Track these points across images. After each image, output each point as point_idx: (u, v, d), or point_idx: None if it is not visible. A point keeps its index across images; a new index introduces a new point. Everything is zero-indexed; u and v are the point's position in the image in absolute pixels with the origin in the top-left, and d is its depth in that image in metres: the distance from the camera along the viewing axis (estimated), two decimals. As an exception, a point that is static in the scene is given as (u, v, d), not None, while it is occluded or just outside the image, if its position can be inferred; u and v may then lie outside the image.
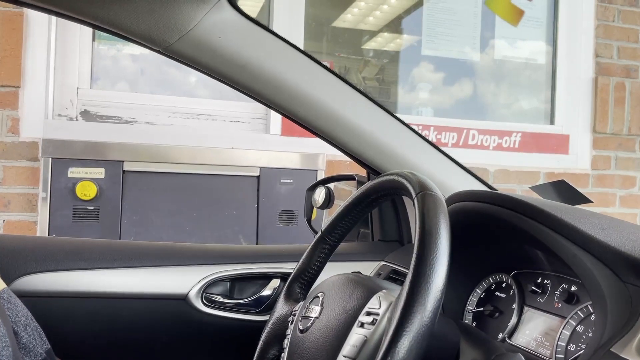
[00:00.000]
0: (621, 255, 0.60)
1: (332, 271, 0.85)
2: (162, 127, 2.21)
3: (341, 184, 2.30)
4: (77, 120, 2.13)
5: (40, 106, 2.03)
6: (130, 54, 2.28)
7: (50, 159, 1.87)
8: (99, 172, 1.90)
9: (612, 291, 0.60)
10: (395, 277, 1.06)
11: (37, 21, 2.02)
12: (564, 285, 0.79)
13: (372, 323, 0.59)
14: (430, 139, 1.11)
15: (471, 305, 0.93)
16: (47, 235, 1.86)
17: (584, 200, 1.13)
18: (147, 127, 2.19)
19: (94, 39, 2.19)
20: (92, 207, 1.89)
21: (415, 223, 0.59)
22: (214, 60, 0.91)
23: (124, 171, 1.93)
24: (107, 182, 1.91)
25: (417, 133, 1.11)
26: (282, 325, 0.80)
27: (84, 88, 2.16)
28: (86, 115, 2.15)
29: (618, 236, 0.63)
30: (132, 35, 0.88)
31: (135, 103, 2.20)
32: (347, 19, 2.65)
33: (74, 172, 1.87)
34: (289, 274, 0.86)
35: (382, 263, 1.13)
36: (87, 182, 1.87)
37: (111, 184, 1.91)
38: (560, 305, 0.78)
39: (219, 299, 1.07)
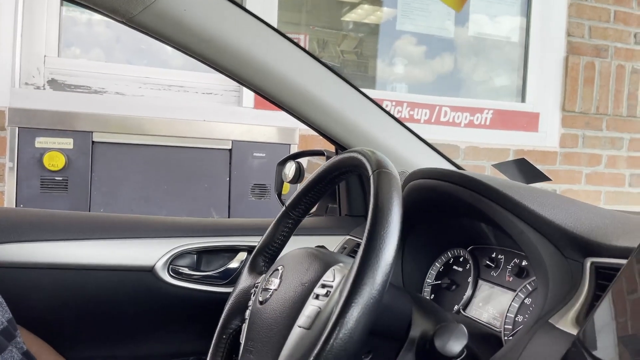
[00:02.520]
0: (564, 231, 0.63)
1: (300, 245, 0.87)
2: (132, 97, 2.18)
3: (315, 159, 2.31)
4: (44, 89, 2.09)
5: (7, 74, 1.98)
6: (102, 20, 2.23)
7: (17, 128, 1.84)
8: (68, 143, 1.87)
9: (554, 266, 0.63)
10: (359, 251, 1.08)
11: (2, -15, 1.95)
12: (515, 260, 0.82)
13: (326, 295, 0.61)
14: (402, 116, 1.13)
15: (430, 278, 0.96)
16: (14, 206, 1.84)
17: (543, 178, 1.16)
18: (117, 98, 2.16)
19: (61, 4, 2.13)
20: (61, 178, 1.87)
21: (370, 200, 0.61)
22: (178, 33, 0.90)
23: (93, 142, 1.91)
24: (76, 152, 1.88)
25: (384, 110, 1.13)
26: (245, 297, 0.82)
27: (52, 56, 2.11)
28: (54, 84, 2.11)
29: (563, 214, 0.66)
30: (95, 5, 0.87)
31: (105, 73, 2.16)
32: (325, -10, 2.62)
33: (41, 142, 1.84)
34: (255, 247, 0.87)
35: (348, 237, 1.15)
36: (55, 153, 1.85)
37: (80, 154, 1.89)
38: (511, 279, 0.82)
39: (186, 271, 1.08)
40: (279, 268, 0.73)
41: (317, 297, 0.62)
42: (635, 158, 2.91)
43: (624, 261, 0.55)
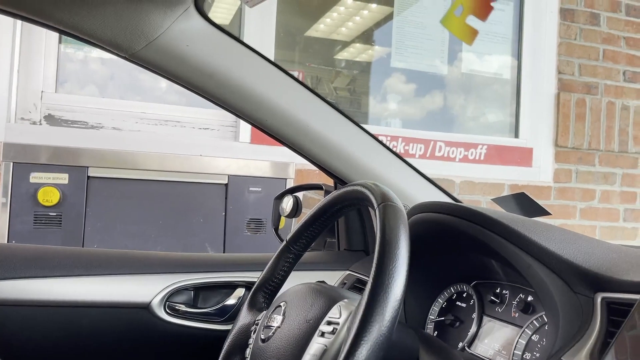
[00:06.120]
0: (573, 266, 0.62)
1: (298, 280, 0.85)
2: (129, 132, 2.18)
3: (310, 193, 2.30)
4: (40, 124, 2.09)
5: (3, 109, 1.98)
6: (98, 58, 2.25)
7: (12, 163, 1.83)
8: (63, 178, 1.86)
9: (564, 301, 0.62)
10: (360, 287, 1.07)
11: (1, 23, 1.97)
12: (521, 295, 0.81)
13: (332, 332, 0.60)
14: (398, 150, 1.13)
15: (433, 314, 0.94)
16: (6, 241, 1.81)
17: (543, 212, 1.16)
18: (113, 133, 2.16)
19: (60, 42, 2.15)
20: (54, 214, 1.85)
21: (376, 233, 0.60)
22: (181, 68, 0.91)
23: (88, 177, 1.89)
24: (71, 187, 1.87)
25: (382, 144, 1.13)
26: (244, 335, 0.80)
27: (49, 92, 2.11)
28: (50, 119, 2.11)
29: (571, 248, 0.66)
30: (98, 41, 0.87)
31: (102, 108, 2.17)
32: (320, 29, 2.67)
33: (36, 177, 1.83)
34: (253, 283, 0.86)
35: (347, 272, 1.13)
36: (49, 188, 1.83)
37: (75, 189, 1.87)
38: (517, 315, 0.80)
39: (183, 307, 1.06)
40: (282, 304, 0.72)
41: (322, 334, 0.60)
42: (628, 193, 2.93)
43: (636, 296, 0.54)
